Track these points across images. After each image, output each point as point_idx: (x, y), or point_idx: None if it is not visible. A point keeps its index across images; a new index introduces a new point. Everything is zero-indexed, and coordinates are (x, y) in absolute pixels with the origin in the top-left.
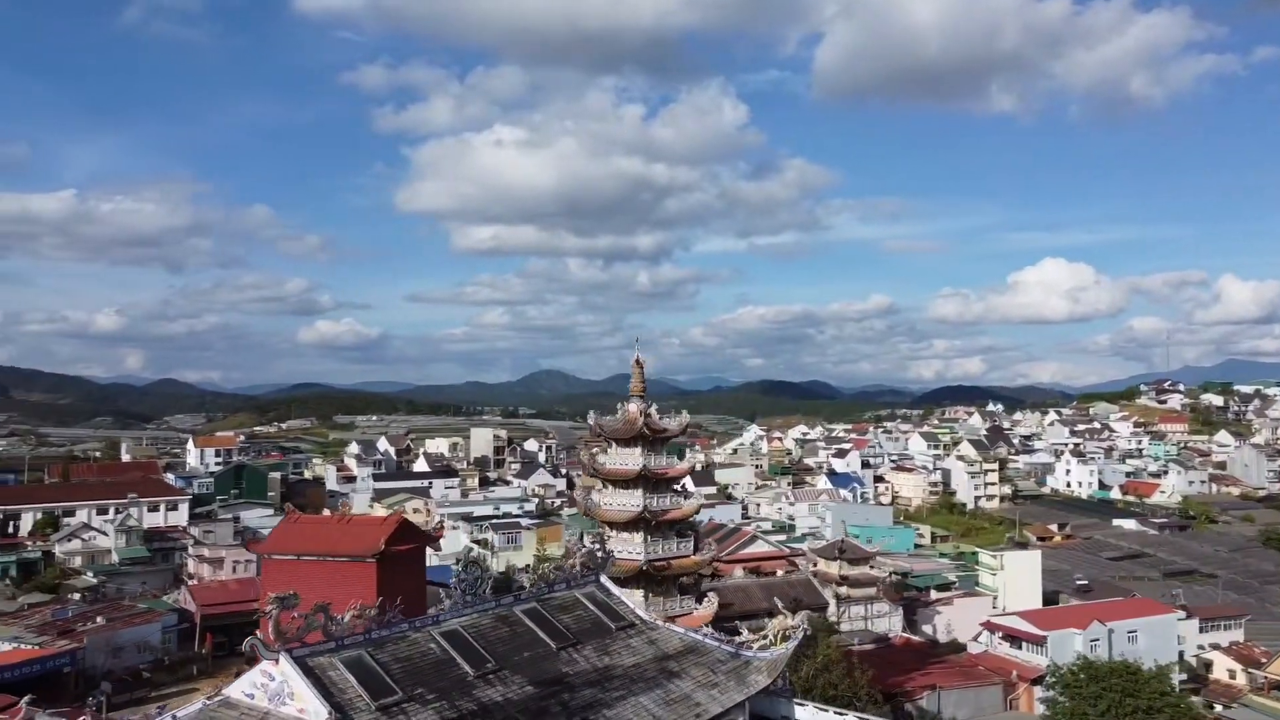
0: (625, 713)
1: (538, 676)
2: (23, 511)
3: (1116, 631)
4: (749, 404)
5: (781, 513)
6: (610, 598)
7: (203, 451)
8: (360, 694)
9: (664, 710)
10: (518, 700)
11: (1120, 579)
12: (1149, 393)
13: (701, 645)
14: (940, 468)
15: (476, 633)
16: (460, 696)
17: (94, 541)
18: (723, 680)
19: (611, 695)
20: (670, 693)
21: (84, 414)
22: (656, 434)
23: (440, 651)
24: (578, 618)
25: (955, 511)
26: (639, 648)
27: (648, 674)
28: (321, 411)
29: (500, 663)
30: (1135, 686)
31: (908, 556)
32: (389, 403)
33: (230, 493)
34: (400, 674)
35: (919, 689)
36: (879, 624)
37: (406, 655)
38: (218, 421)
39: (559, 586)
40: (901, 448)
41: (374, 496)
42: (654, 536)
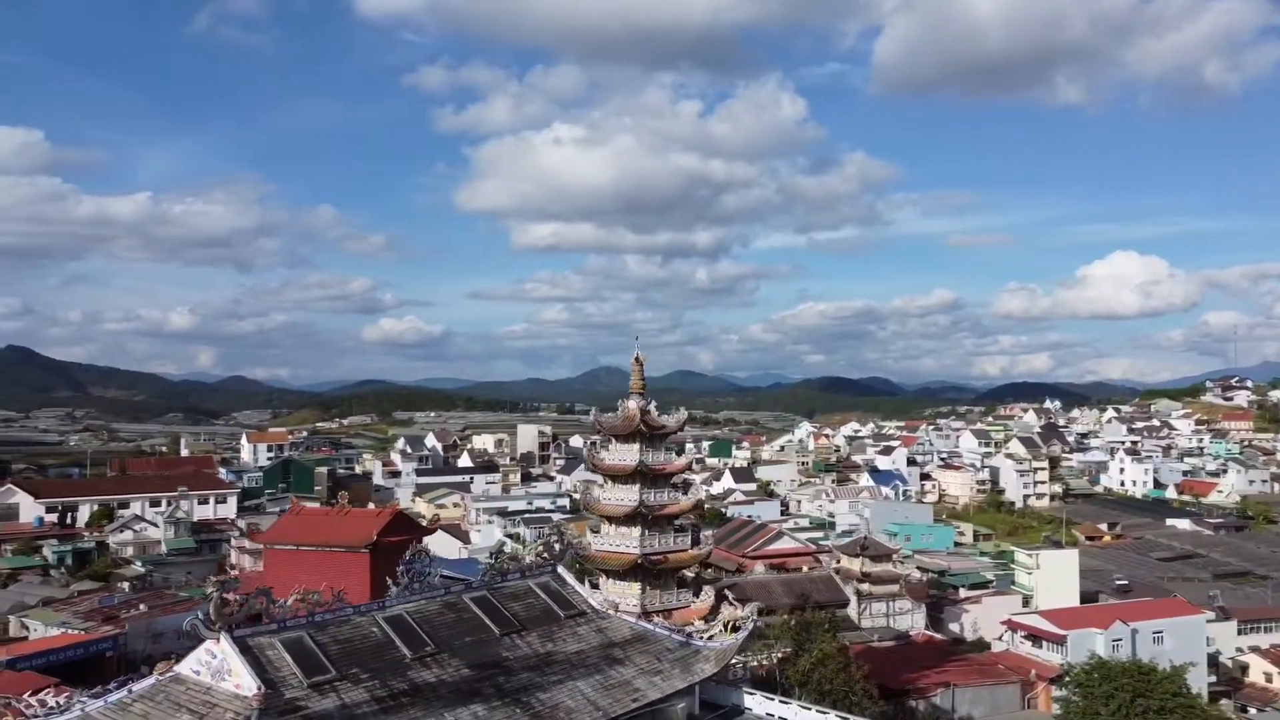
0: (560, 696)
1: (476, 660)
2: (80, 503)
3: (1141, 632)
4: (808, 401)
5: (822, 510)
6: (564, 588)
7: (256, 447)
8: (295, 672)
9: (600, 695)
10: (451, 681)
11: (1168, 580)
12: (1214, 389)
13: (651, 634)
14: (989, 466)
15: (421, 618)
16: (393, 677)
17: (145, 533)
18: (667, 668)
19: (549, 679)
20: (610, 678)
21: (156, 410)
22: (655, 430)
23: (381, 635)
24: (527, 606)
25: (1003, 510)
26: (585, 635)
27: (590, 660)
28: (382, 408)
29: (440, 646)
30: (1147, 687)
31: (946, 555)
32: (448, 399)
33: (278, 486)
34: (338, 654)
35: (933, 686)
36: (901, 621)
37: (347, 638)
38: (283, 417)
39: (513, 576)
40: (952, 445)
41: (416, 491)
42: (651, 531)
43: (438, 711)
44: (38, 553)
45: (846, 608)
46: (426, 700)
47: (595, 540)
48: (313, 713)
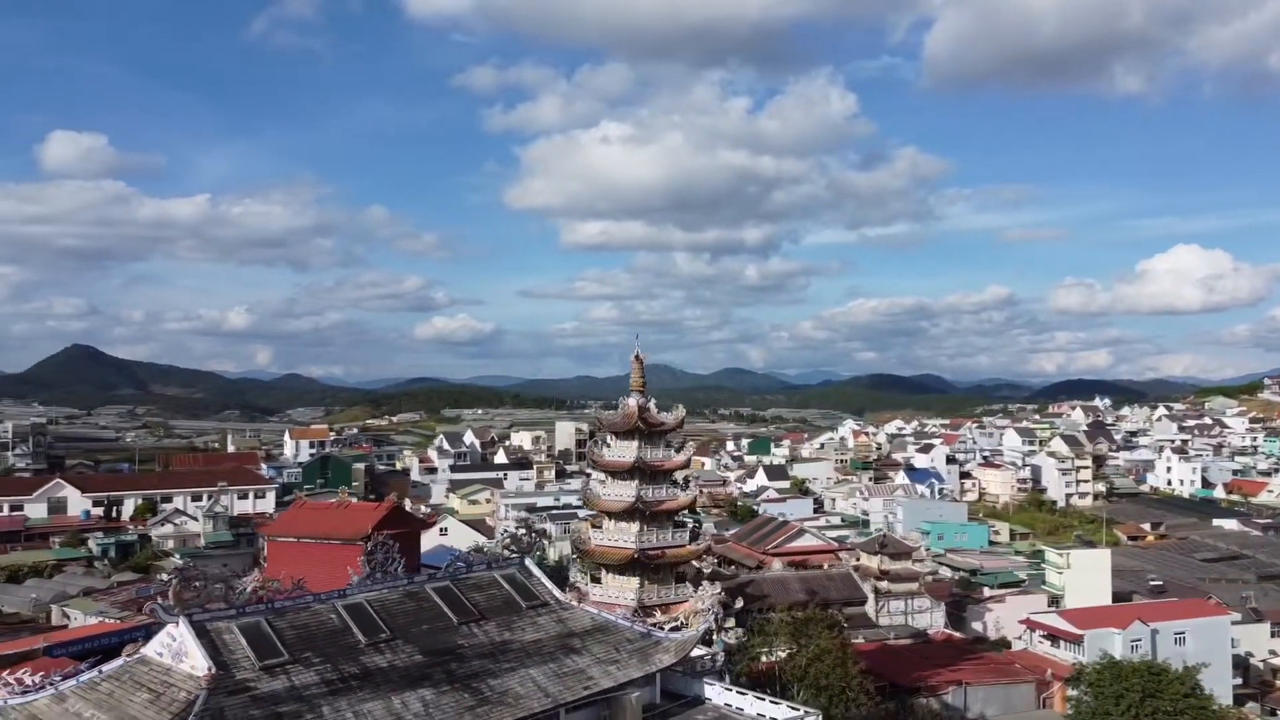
0: (510, 682)
1: (430, 647)
2: (125, 498)
3: (1162, 633)
4: (857, 399)
5: (856, 508)
6: (530, 580)
7: (298, 444)
8: (248, 654)
9: (552, 682)
10: (403, 666)
11: (1210, 580)
12: (1272, 386)
13: (613, 626)
14: (1030, 464)
15: (380, 606)
16: (345, 661)
17: (185, 526)
18: (624, 658)
19: (502, 666)
20: (564, 666)
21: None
22: (653, 427)
23: (338, 621)
24: (489, 596)
25: (1044, 509)
26: (545, 625)
27: (546, 649)
28: (431, 405)
29: (395, 633)
30: (1158, 687)
31: (979, 554)
32: (497, 397)
33: (316, 482)
34: (293, 639)
35: (944, 684)
36: (920, 619)
37: (304, 623)
38: (335, 415)
39: (479, 567)
40: (996, 444)
41: (450, 487)
42: (650, 526)
43: (385, 694)
44: (84, 544)
45: (864, 605)
46: (375, 683)
47: (595, 535)
48: (261, 693)
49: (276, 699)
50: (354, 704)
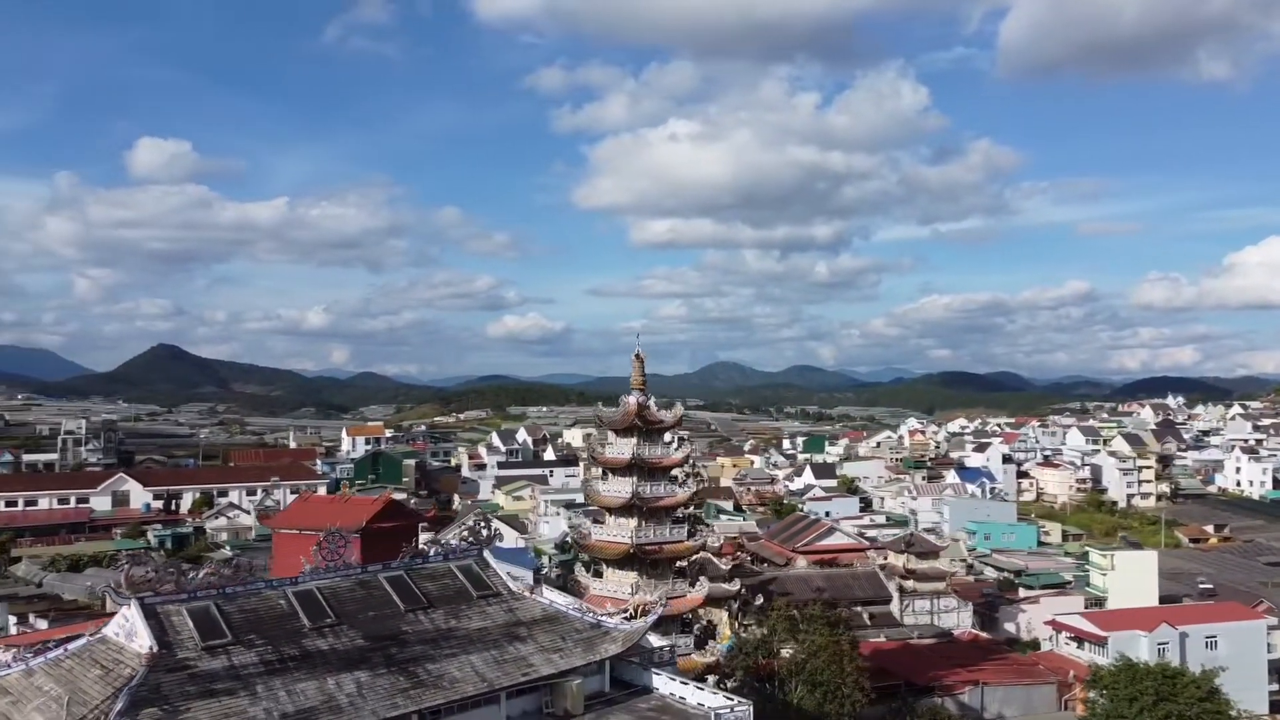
0: (448, 667)
1: (373, 632)
2: (184, 491)
3: (1192, 637)
4: (928, 397)
5: (904, 507)
6: (486, 571)
7: (354, 440)
8: (192, 635)
9: (490, 667)
10: (343, 650)
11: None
12: None
13: (563, 616)
14: (1090, 464)
15: (330, 593)
16: (287, 643)
17: (237, 519)
18: (568, 647)
19: (442, 652)
20: (506, 654)
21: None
22: (651, 425)
23: (286, 606)
24: (442, 585)
25: (1104, 510)
26: (494, 614)
27: (490, 637)
28: (498, 403)
29: (341, 619)
30: (1173, 690)
31: (1026, 554)
32: (563, 394)
33: (367, 477)
34: (239, 622)
35: (961, 684)
36: (946, 619)
37: (252, 608)
38: (406, 412)
39: (435, 558)
40: (1059, 442)
41: (495, 483)
42: (647, 521)
43: (321, 675)
44: (143, 536)
45: (889, 604)
46: (313, 665)
47: (595, 530)
48: (199, 671)
49: (214, 677)
50: (289, 684)
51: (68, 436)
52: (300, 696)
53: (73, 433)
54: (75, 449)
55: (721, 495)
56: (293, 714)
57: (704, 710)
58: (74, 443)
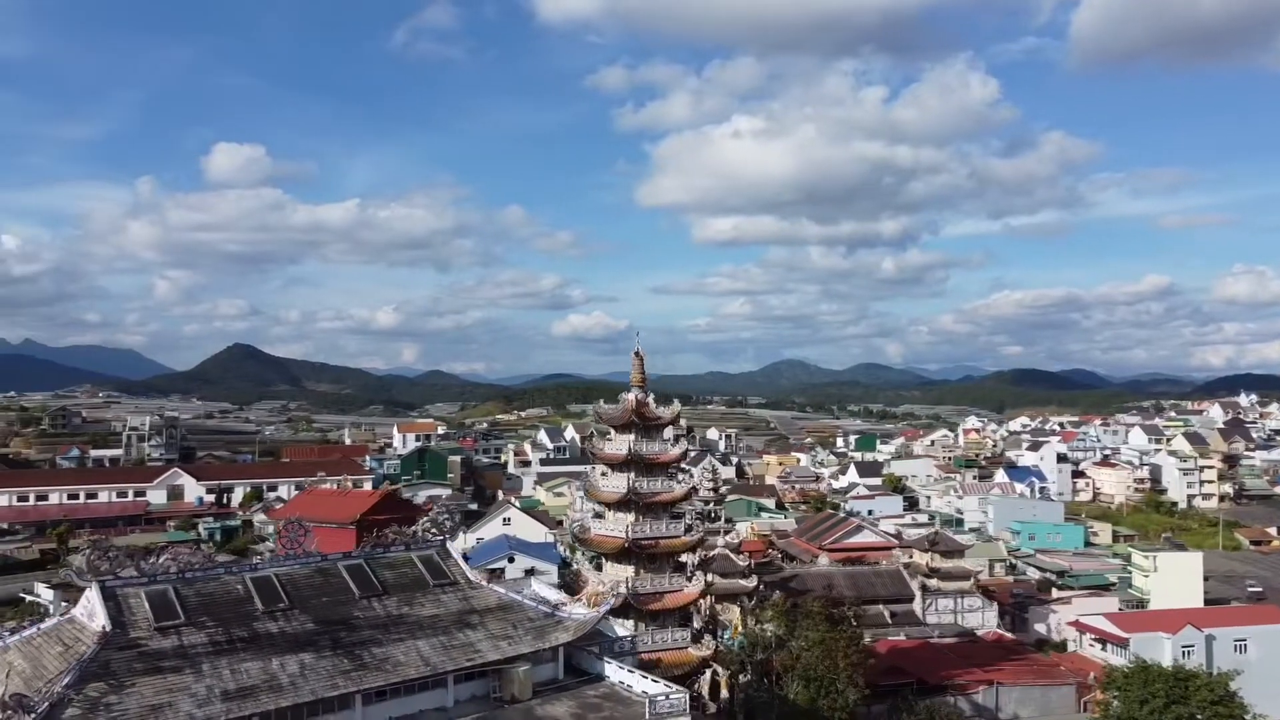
0: (394, 651)
1: (325, 617)
2: (236, 485)
3: (1220, 639)
4: (998, 394)
5: (950, 506)
6: (446, 561)
7: (405, 437)
8: (147, 616)
9: (436, 652)
10: (292, 633)
11: None
12: None
13: (518, 605)
14: (1150, 463)
15: (288, 579)
16: (238, 625)
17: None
18: (518, 634)
19: (390, 637)
20: (454, 640)
21: (360, 403)
22: (649, 421)
23: (242, 591)
24: (400, 574)
25: (1162, 511)
26: (447, 602)
27: (441, 623)
28: (560, 400)
29: (294, 603)
30: (1185, 693)
31: (1072, 555)
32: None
33: (413, 473)
34: (195, 604)
35: (975, 684)
36: (970, 618)
37: (209, 592)
38: (470, 409)
39: (397, 548)
40: (1121, 441)
41: (537, 480)
42: (644, 516)
43: (267, 656)
44: (194, 528)
45: (911, 603)
46: (260, 646)
47: (595, 525)
48: (149, 650)
49: (162, 655)
50: (234, 663)
51: (132, 433)
52: (243, 675)
53: (137, 429)
54: (139, 445)
55: (764, 493)
56: (234, 692)
57: (644, 697)
58: (137, 439)
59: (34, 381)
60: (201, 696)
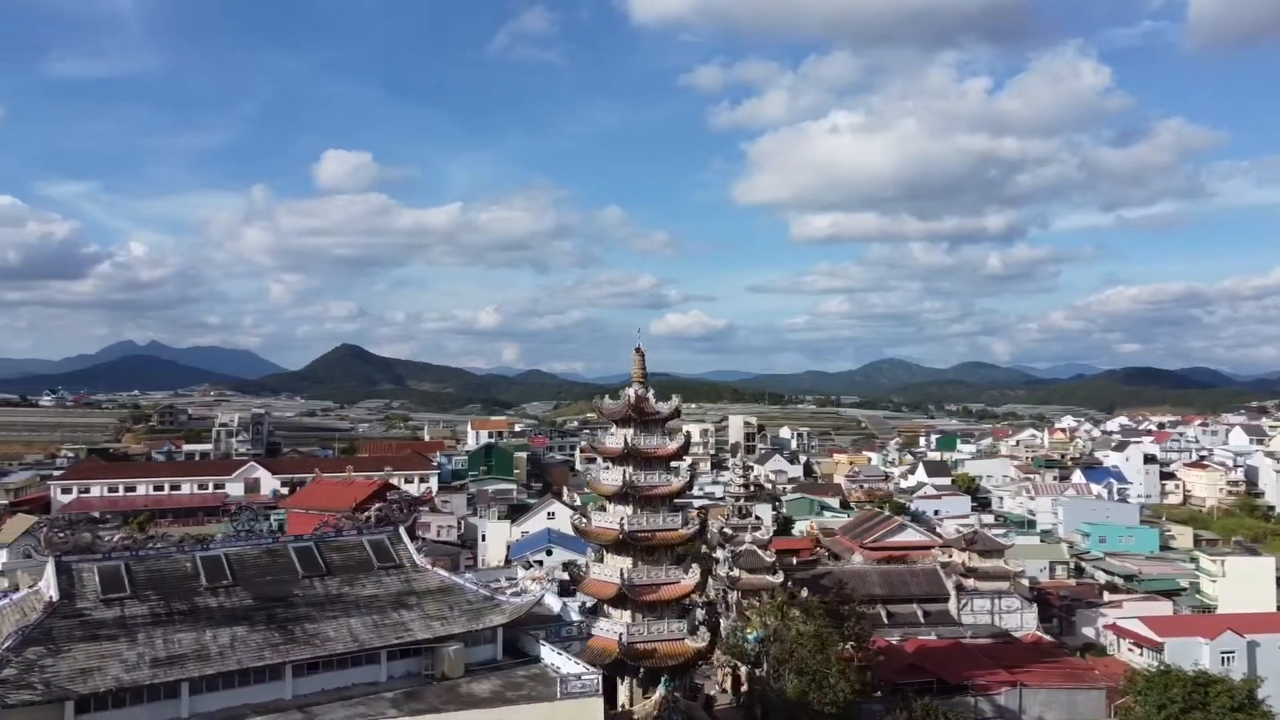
0: (325, 627)
1: (265, 594)
2: (307, 478)
3: (1264, 646)
4: (1109, 394)
5: (1022, 507)
6: (395, 546)
7: (478, 434)
8: (95, 588)
9: (366, 630)
10: (230, 608)
11: None
12: None
13: (458, 588)
14: (1247, 465)
15: (237, 558)
16: (179, 599)
17: None
18: (452, 615)
19: (325, 614)
20: (387, 619)
21: (460, 402)
22: (647, 416)
23: (190, 569)
24: (347, 557)
25: (1256, 515)
26: (389, 584)
27: (378, 603)
28: None
29: (238, 581)
30: (1204, 699)
31: (1144, 559)
32: (715, 391)
33: (480, 469)
34: (143, 580)
35: (997, 685)
36: (1008, 619)
37: (159, 569)
38: (564, 408)
39: (349, 533)
40: (1220, 441)
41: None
42: (641, 509)
43: (201, 628)
44: (266, 519)
45: (946, 602)
46: (197, 619)
47: (595, 517)
48: (92, 619)
49: (102, 624)
50: (169, 633)
51: (221, 429)
52: (175, 645)
53: (225, 425)
54: (227, 440)
55: (829, 492)
56: (163, 659)
57: (558, 675)
58: (226, 435)
59: (158, 381)
60: (131, 662)
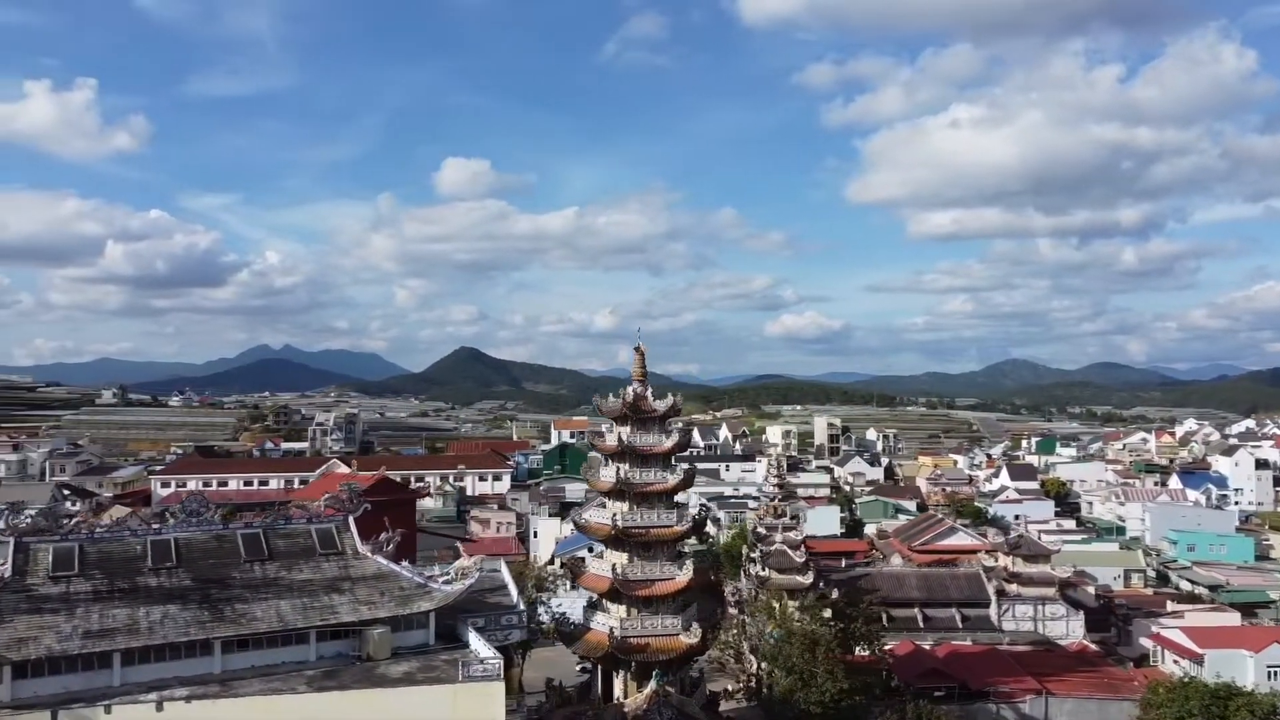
0: (255, 607)
1: (204, 575)
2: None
3: None
4: (1252, 395)
5: (1112, 513)
6: (341, 534)
7: (560, 433)
8: (46, 567)
9: (293, 611)
10: (168, 587)
11: None
12: None
13: (393, 575)
14: None
15: (185, 543)
16: (122, 578)
17: (423, 502)
18: (381, 601)
19: (257, 595)
20: (316, 601)
21: (572, 403)
22: (643, 414)
23: (139, 551)
24: (292, 543)
25: None
26: (326, 569)
27: (311, 587)
28: (758, 401)
29: (181, 563)
30: (1224, 712)
31: (1236, 568)
32: (824, 393)
33: (554, 468)
34: (93, 560)
35: (1021, 692)
36: (1053, 627)
37: (110, 550)
38: None
39: (298, 520)
40: None
41: None
42: (637, 506)
43: (137, 605)
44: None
45: (987, 607)
46: (135, 596)
47: (594, 513)
48: (38, 594)
49: (46, 599)
50: (106, 608)
51: (316, 428)
52: (109, 619)
53: (321, 425)
54: (321, 438)
55: (907, 494)
56: (95, 631)
57: (463, 659)
58: (321, 433)
59: (290, 383)
60: (65, 633)
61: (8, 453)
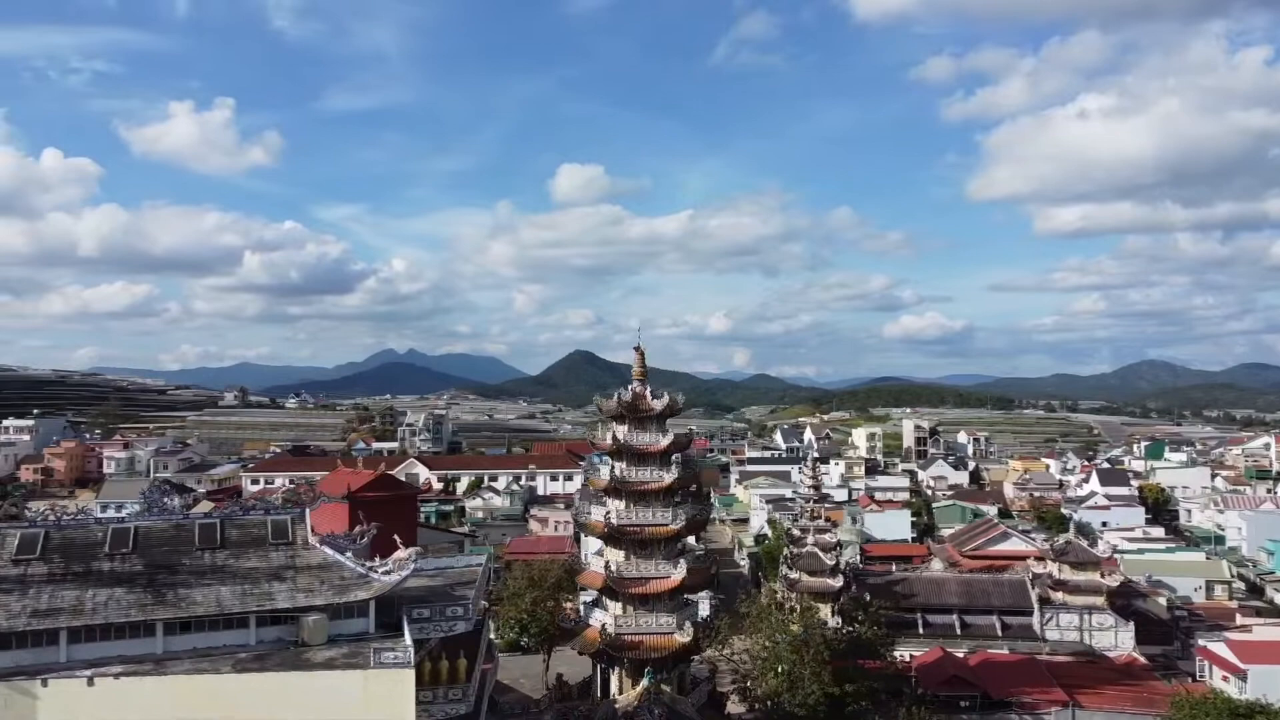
0: (196, 592)
1: (155, 561)
2: (463, 474)
3: None
4: None
5: (1211, 520)
6: (295, 525)
7: None
8: (11, 551)
9: (231, 596)
10: (119, 571)
11: None
12: None
13: (337, 565)
14: None
15: (144, 531)
16: (78, 563)
17: (491, 500)
18: (320, 589)
19: (201, 580)
20: (256, 588)
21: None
22: (641, 413)
23: (99, 538)
24: (245, 533)
25: None
26: (273, 558)
27: (255, 574)
28: (870, 403)
29: (137, 550)
30: None
31: None
32: (938, 395)
33: None
34: (56, 545)
35: (1046, 703)
36: (1100, 637)
37: (73, 537)
38: (780, 411)
39: (256, 512)
40: None
41: (738, 478)
42: (635, 504)
43: (86, 587)
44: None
45: (1029, 616)
46: (85, 579)
47: (592, 510)
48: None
49: (4, 580)
50: (57, 589)
51: (406, 428)
52: (57, 600)
53: (410, 425)
54: (410, 438)
55: (989, 499)
56: (42, 610)
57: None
58: (410, 433)
59: (413, 386)
60: (14, 611)
61: (119, 451)
